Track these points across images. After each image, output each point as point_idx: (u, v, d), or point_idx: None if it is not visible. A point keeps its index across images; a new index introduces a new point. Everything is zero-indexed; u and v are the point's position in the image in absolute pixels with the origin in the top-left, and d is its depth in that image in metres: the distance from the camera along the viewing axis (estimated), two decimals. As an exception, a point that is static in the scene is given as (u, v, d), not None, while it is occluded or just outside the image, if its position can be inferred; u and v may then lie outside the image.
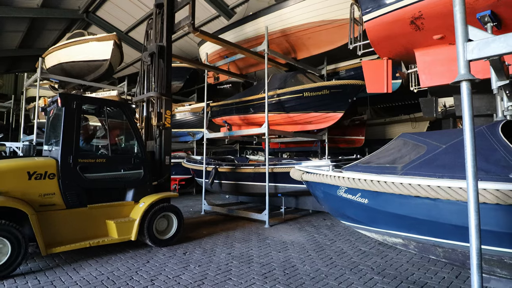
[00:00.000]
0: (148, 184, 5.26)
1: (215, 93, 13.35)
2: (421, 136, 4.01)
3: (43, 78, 10.18)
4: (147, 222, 4.88)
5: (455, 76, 2.27)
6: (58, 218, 4.31)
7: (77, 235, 4.45)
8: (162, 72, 6.02)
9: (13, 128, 17.51)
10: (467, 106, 2.22)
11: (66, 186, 4.41)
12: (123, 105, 5.31)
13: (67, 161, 4.47)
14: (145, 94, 6.17)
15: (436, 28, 4.03)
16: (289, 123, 8.62)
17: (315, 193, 4.94)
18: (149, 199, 5.05)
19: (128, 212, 5.02)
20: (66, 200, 4.40)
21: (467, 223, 2.26)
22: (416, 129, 10.41)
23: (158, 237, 5.04)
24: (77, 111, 4.68)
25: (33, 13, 11.89)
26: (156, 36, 6.33)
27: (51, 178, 4.34)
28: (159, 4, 6.44)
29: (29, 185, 4.15)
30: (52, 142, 5.09)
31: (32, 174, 4.20)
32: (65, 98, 4.64)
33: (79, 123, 4.68)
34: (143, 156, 5.27)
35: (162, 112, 5.91)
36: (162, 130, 5.87)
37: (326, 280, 3.68)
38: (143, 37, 14.73)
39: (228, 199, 10.35)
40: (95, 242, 4.46)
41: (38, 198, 4.18)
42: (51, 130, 5.24)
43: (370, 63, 5.46)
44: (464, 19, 2.25)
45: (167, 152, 5.89)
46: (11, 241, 3.76)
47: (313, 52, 8.52)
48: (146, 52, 6.21)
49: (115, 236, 4.63)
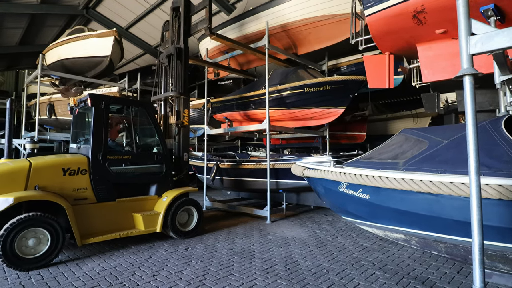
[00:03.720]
0: (169, 179, 5.53)
1: (216, 89, 13.31)
2: (423, 131, 3.99)
3: (43, 75, 10.14)
4: (171, 215, 5.14)
5: (457, 71, 2.25)
6: (90, 211, 4.60)
7: (107, 227, 4.75)
8: (180, 73, 6.28)
9: (15, 125, 17.54)
10: (470, 101, 2.21)
11: (96, 181, 4.70)
12: (146, 105, 5.57)
13: (97, 157, 4.75)
14: (164, 94, 6.42)
15: (439, 22, 4.00)
16: (290, 119, 8.60)
17: (316, 189, 4.94)
18: (171, 193, 5.30)
19: (152, 206, 5.28)
20: (97, 194, 4.69)
21: (469, 219, 2.25)
22: (418, 124, 10.37)
23: (181, 229, 5.30)
24: (105, 111, 4.93)
25: (32, 9, 11.82)
26: (173, 38, 6.61)
27: (83, 174, 4.63)
28: (175, 8, 6.70)
29: (64, 180, 4.45)
30: (80, 140, 5.40)
31: (66, 170, 4.48)
32: (94, 98, 4.87)
33: (107, 122, 4.96)
34: (165, 152, 5.51)
35: (180, 111, 6.18)
36: (180, 128, 6.15)
37: (328, 275, 3.69)
38: (143, 33, 14.63)
39: (229, 195, 10.37)
40: (124, 234, 4.73)
41: (72, 192, 4.49)
42: (77, 128, 5.56)
43: (371, 58, 5.43)
44: (467, 13, 2.23)
45: (185, 149, 6.17)
46: (51, 232, 4.04)
47: (314, 47, 8.47)
48: (163, 54, 6.52)
49: (142, 228, 4.90)
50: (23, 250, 3.90)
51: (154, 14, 12.68)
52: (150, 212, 5.11)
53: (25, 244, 3.92)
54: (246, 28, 8.49)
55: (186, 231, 5.37)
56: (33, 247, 3.96)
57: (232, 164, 8.27)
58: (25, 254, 3.90)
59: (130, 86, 12.63)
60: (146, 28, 13.78)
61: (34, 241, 3.97)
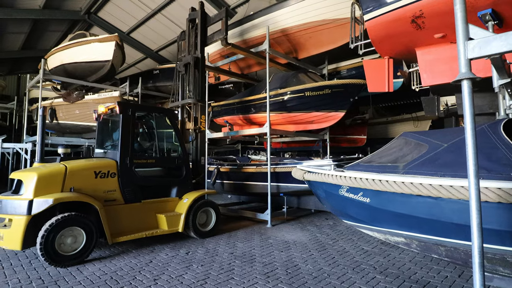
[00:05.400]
0: (189, 182, 5.83)
1: (217, 93, 13.36)
2: (423, 135, 4.00)
3: (45, 79, 10.21)
4: (192, 216, 5.42)
5: (456, 74, 2.27)
6: (118, 212, 4.88)
7: (134, 226, 5.02)
8: (197, 81, 6.59)
9: (16, 129, 17.58)
10: (468, 105, 2.22)
11: (124, 184, 5.00)
12: (168, 112, 5.92)
13: (125, 161, 5.06)
14: (182, 101, 6.76)
15: (437, 26, 4.03)
16: (290, 123, 8.62)
17: (317, 193, 4.94)
18: (192, 195, 5.60)
19: (173, 207, 5.58)
20: (124, 196, 4.98)
21: (469, 222, 2.26)
22: (418, 128, 10.39)
23: (201, 229, 5.58)
24: (132, 117, 5.24)
25: (35, 15, 11.93)
26: (190, 48, 6.98)
27: (113, 176, 4.92)
28: (192, 19, 7.07)
29: (96, 183, 4.74)
30: (107, 145, 5.76)
31: (98, 173, 4.78)
32: (123, 106, 5.19)
33: (134, 128, 5.28)
34: (185, 156, 5.82)
35: (198, 117, 6.49)
36: (198, 133, 6.51)
37: (329, 279, 3.69)
38: (144, 38, 14.72)
39: (230, 198, 10.36)
40: (149, 233, 5.00)
41: (102, 194, 4.77)
42: (102, 134, 5.91)
43: (371, 62, 5.46)
44: (465, 18, 2.25)
45: (202, 153, 6.54)
46: (86, 231, 4.34)
47: (314, 51, 8.52)
48: (181, 62, 6.87)
49: (165, 228, 5.17)
50: (62, 248, 4.19)
51: (155, 19, 12.77)
52: (172, 213, 5.40)
53: (64, 242, 4.22)
54: (246, 33, 8.55)
55: (205, 231, 5.66)
56: (70, 245, 4.26)
57: (233, 168, 8.28)
58: (63, 251, 4.18)
59: (132, 90, 12.68)
60: (147, 32, 13.87)
61: (71, 240, 4.27)
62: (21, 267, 4.18)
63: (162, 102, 14.29)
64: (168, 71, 12.63)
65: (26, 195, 4.22)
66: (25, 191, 4.26)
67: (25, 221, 4.08)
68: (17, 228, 4.09)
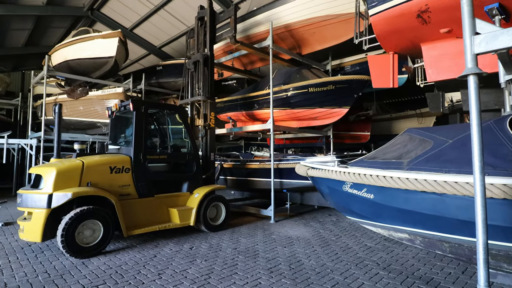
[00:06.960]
0: (199, 177, 5.99)
1: (220, 89, 13.35)
2: (427, 131, 3.98)
3: (49, 76, 10.25)
4: (203, 210, 5.56)
5: (462, 70, 2.25)
6: (133, 206, 5.02)
7: (147, 220, 5.17)
8: (206, 78, 6.63)
9: (21, 125, 17.69)
10: (475, 101, 2.21)
11: (138, 179, 5.14)
12: (179, 109, 6.02)
13: (138, 157, 5.20)
14: (191, 98, 6.81)
15: (443, 21, 3.98)
16: (294, 119, 8.60)
17: (320, 189, 4.94)
18: (202, 190, 5.75)
19: (184, 202, 5.73)
20: (138, 190, 5.13)
21: (473, 218, 2.25)
22: (422, 124, 10.32)
23: (211, 223, 5.71)
24: (145, 115, 5.36)
25: (38, 11, 11.94)
26: (199, 46, 7.00)
27: (127, 172, 5.06)
28: (200, 17, 7.06)
29: (111, 178, 4.89)
30: (121, 141, 5.89)
31: (113, 169, 4.92)
32: (136, 103, 5.30)
33: (147, 125, 5.41)
34: (195, 152, 5.94)
35: (207, 114, 6.54)
36: (207, 129, 6.54)
37: (332, 275, 3.70)
38: (147, 34, 14.71)
39: (233, 194, 10.40)
40: (162, 227, 5.15)
41: (118, 188, 4.92)
42: (116, 130, 6.01)
43: (376, 57, 5.42)
44: (471, 12, 2.23)
45: (212, 149, 6.57)
46: (103, 223, 4.50)
47: (318, 47, 8.46)
48: (190, 60, 6.90)
49: (178, 222, 5.32)
50: (81, 240, 4.36)
51: (158, 15, 12.73)
52: (184, 207, 5.53)
53: (83, 234, 4.38)
54: (250, 29, 8.51)
55: (216, 225, 5.80)
56: (89, 237, 4.43)
57: (236, 164, 8.29)
58: (82, 243, 4.35)
59: (135, 86, 12.70)
60: (150, 29, 13.84)
61: (89, 232, 4.44)
62: (27, 261, 4.23)
63: (165, 98, 14.30)
64: (171, 67, 12.61)
65: (46, 189, 4.35)
66: (45, 185, 4.39)
67: (45, 214, 4.23)
68: (37, 221, 4.24)
